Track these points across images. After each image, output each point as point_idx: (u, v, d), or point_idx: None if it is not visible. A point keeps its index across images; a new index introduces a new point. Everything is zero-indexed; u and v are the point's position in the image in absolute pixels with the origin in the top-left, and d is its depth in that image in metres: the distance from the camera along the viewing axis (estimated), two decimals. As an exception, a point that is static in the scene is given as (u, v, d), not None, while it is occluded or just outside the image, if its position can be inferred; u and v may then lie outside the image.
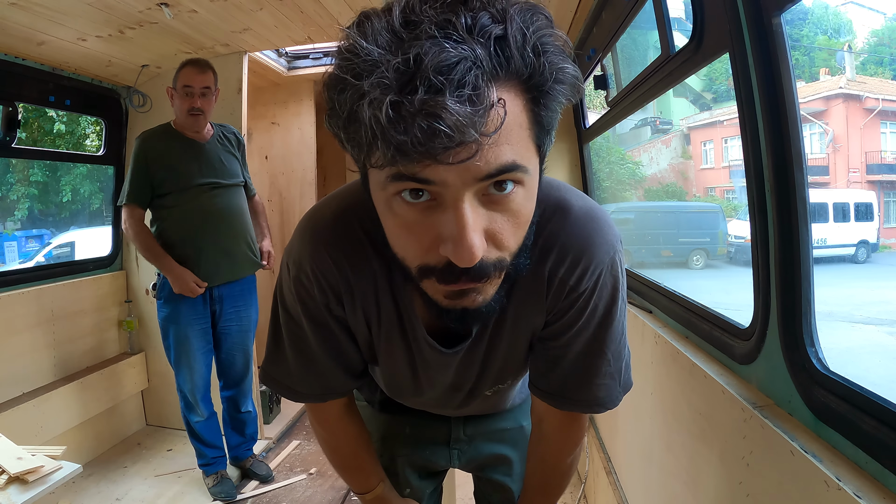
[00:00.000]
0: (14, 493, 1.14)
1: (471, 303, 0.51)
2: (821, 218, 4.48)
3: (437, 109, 0.37)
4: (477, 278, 0.48)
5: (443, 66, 0.37)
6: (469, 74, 0.38)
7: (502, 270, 0.50)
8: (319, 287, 0.64)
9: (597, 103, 2.80)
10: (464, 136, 0.38)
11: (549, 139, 0.48)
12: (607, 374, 0.67)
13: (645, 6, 1.20)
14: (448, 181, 0.42)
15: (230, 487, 2.05)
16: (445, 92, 0.37)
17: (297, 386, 0.73)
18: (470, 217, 0.43)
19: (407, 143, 0.38)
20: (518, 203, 0.47)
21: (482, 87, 0.38)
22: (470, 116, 0.38)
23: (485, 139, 0.40)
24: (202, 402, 2.02)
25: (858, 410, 0.56)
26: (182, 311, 1.93)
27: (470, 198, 0.44)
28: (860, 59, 5.81)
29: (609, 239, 0.61)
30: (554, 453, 0.79)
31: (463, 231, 0.43)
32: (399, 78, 0.38)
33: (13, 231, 9.05)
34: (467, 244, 0.43)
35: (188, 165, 1.91)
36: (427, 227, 0.46)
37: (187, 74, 1.87)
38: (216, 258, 1.94)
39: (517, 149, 0.43)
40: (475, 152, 0.40)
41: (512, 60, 0.41)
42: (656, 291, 1.30)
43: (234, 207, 1.99)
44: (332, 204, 0.65)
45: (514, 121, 0.43)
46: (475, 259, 0.44)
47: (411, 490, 0.94)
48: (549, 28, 0.43)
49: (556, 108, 0.46)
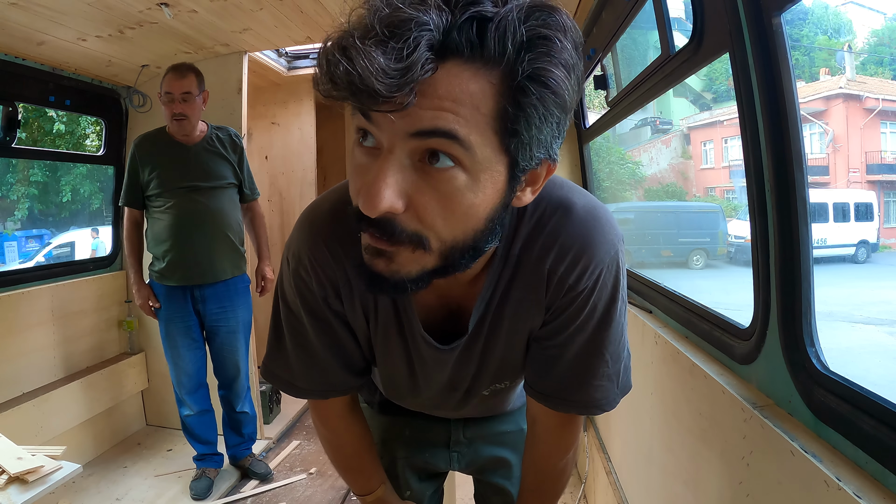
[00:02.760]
0: (14, 493, 1.14)
1: (383, 267, 0.49)
2: (821, 218, 4.48)
3: (356, 52, 0.39)
4: (383, 235, 0.47)
5: (392, 21, 0.39)
6: (411, 33, 0.39)
7: (419, 248, 0.48)
8: (318, 280, 0.64)
9: (597, 103, 2.81)
10: (371, 83, 0.39)
11: (519, 143, 0.45)
12: (605, 375, 0.66)
13: (645, 6, 1.20)
14: (382, 125, 0.43)
15: (205, 487, 2.06)
16: (383, 43, 0.39)
17: (297, 381, 0.72)
18: (390, 168, 0.44)
19: (336, 77, 0.40)
20: (454, 185, 0.45)
21: (419, 50, 0.39)
22: (384, 67, 0.38)
23: (412, 98, 0.41)
24: (188, 396, 2.06)
25: (858, 410, 0.56)
26: (166, 308, 2.00)
27: (401, 154, 0.44)
28: (860, 59, 5.81)
29: (610, 238, 0.61)
30: (548, 456, 0.78)
31: (375, 177, 0.44)
32: (358, 25, 0.41)
33: (13, 231, 9.05)
34: (374, 190, 0.44)
35: (171, 168, 1.95)
36: (365, 170, 0.46)
37: (168, 81, 1.89)
38: (195, 259, 1.96)
39: (464, 124, 0.42)
40: (400, 107, 0.41)
41: (487, 45, 0.41)
42: (656, 291, 1.30)
43: (214, 209, 1.99)
44: (331, 198, 0.65)
45: (470, 101, 0.42)
46: (374, 207, 0.44)
47: (412, 492, 0.93)
48: (558, 33, 0.42)
49: (529, 111, 0.43)
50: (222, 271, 2.02)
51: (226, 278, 2.04)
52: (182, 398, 2.07)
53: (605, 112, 1.75)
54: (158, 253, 1.98)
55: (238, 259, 2.08)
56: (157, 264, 1.99)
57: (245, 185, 2.10)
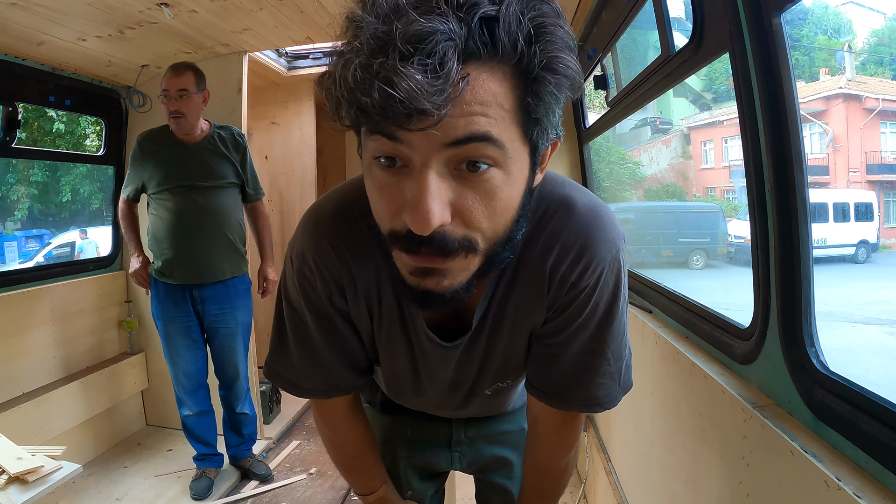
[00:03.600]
0: (14, 493, 1.14)
1: (435, 285, 0.50)
2: (821, 218, 4.48)
3: (393, 75, 0.38)
4: (438, 252, 0.47)
5: (414, 36, 0.38)
6: (438, 46, 0.38)
7: (471, 252, 0.48)
8: (322, 279, 0.64)
9: (597, 103, 2.81)
10: (418, 103, 0.38)
11: (540, 130, 0.47)
12: (606, 373, 0.66)
13: (645, 6, 1.20)
14: (414, 143, 0.43)
15: (205, 488, 2.06)
16: (412, 60, 0.38)
17: (300, 381, 0.72)
18: (433, 183, 0.43)
19: (367, 104, 0.39)
20: (493, 184, 0.46)
21: (450, 61, 0.39)
22: (426, 85, 0.38)
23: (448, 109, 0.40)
24: (187, 396, 2.06)
25: (858, 410, 0.56)
26: (164, 307, 1.99)
27: (438, 166, 0.44)
28: (860, 59, 5.81)
29: (612, 237, 0.61)
30: (550, 455, 0.78)
31: (422, 195, 0.43)
32: (374, 42, 0.40)
33: (13, 231, 9.06)
34: (423, 209, 0.43)
35: (171, 167, 1.94)
36: (397, 191, 0.46)
37: (166, 79, 1.89)
38: (193, 259, 1.96)
39: (494, 124, 0.43)
40: (437, 121, 0.40)
41: (499, 43, 0.41)
42: (656, 291, 1.30)
43: (213, 209, 1.98)
44: (335, 197, 0.66)
45: (494, 100, 0.43)
46: (429, 225, 0.43)
47: (413, 492, 0.93)
48: (554, 18, 0.43)
49: (548, 99, 0.45)
50: (221, 271, 2.02)
51: (225, 279, 2.03)
52: (182, 398, 2.07)
53: (605, 112, 1.75)
54: (157, 251, 1.98)
55: (238, 259, 2.07)
56: (156, 262, 1.99)
57: (248, 185, 2.08)
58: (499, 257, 0.52)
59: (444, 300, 0.51)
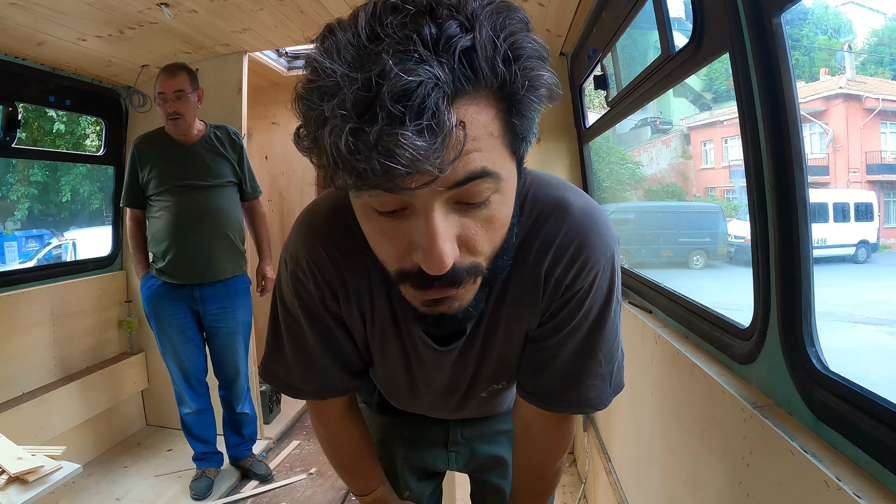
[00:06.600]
0: (14, 493, 1.14)
1: (447, 309, 0.52)
2: (821, 218, 4.49)
3: (393, 145, 0.37)
4: (450, 285, 0.48)
5: (401, 92, 0.37)
6: (429, 99, 0.37)
7: (477, 275, 0.50)
8: (315, 282, 0.64)
9: (597, 103, 2.81)
10: (421, 166, 0.38)
11: (525, 144, 0.48)
12: (598, 374, 0.66)
13: (645, 6, 1.20)
14: (416, 192, 0.42)
15: (205, 487, 2.06)
16: (405, 120, 0.37)
17: (295, 382, 0.72)
18: (440, 225, 0.44)
19: (367, 172, 0.39)
20: (492, 209, 0.47)
21: (443, 112, 0.38)
22: (426, 150, 0.37)
23: (450, 165, 0.40)
24: (187, 394, 2.06)
25: (858, 410, 0.56)
26: (159, 305, 1.99)
27: (440, 205, 0.44)
28: (860, 59, 5.82)
29: (606, 239, 0.61)
30: (544, 458, 0.78)
31: (433, 240, 0.43)
32: (358, 103, 0.38)
33: (13, 231, 9.06)
34: (437, 253, 0.43)
35: (170, 167, 1.95)
36: (401, 234, 0.46)
37: (160, 82, 1.89)
38: (194, 259, 1.96)
39: (488, 156, 0.43)
40: (436, 177, 0.40)
41: (480, 73, 0.40)
42: (656, 291, 1.30)
43: (213, 208, 1.98)
44: (329, 200, 0.65)
45: (484, 130, 0.42)
46: (445, 267, 0.44)
47: (410, 492, 0.93)
48: (524, 32, 0.42)
49: (531, 115, 0.46)
50: (222, 271, 2.02)
51: (226, 278, 2.03)
52: (181, 395, 2.07)
53: (605, 112, 1.75)
54: (158, 252, 1.98)
55: (238, 258, 2.07)
56: (157, 263, 1.99)
57: (246, 184, 2.09)
58: (499, 269, 0.53)
59: (456, 320, 0.53)
